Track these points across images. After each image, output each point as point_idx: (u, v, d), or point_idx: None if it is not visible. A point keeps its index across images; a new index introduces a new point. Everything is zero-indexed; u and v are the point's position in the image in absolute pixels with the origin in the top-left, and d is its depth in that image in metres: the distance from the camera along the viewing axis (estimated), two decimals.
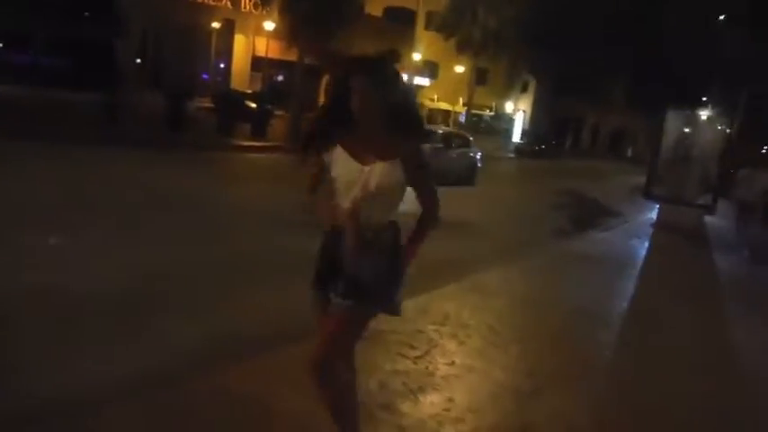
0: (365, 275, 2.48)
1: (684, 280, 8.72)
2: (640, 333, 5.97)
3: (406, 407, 3.59)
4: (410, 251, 2.66)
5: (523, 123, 51.90)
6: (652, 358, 5.24)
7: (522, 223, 12.20)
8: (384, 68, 2.48)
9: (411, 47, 27.49)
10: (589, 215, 14.71)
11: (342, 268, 2.53)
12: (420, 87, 42.50)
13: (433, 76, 45.32)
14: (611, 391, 4.44)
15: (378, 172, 2.46)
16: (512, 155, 39.09)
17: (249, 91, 31.74)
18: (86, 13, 31.65)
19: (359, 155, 2.50)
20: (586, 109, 53.89)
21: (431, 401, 3.71)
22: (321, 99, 2.61)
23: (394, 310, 2.60)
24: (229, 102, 24.78)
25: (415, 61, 25.27)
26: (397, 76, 2.54)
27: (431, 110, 48.76)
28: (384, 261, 2.53)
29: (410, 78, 24.05)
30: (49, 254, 5.92)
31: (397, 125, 2.48)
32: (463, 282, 6.57)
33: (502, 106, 50.12)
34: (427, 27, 35.18)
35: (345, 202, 2.51)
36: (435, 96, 46.59)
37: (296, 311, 3.47)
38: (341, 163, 2.52)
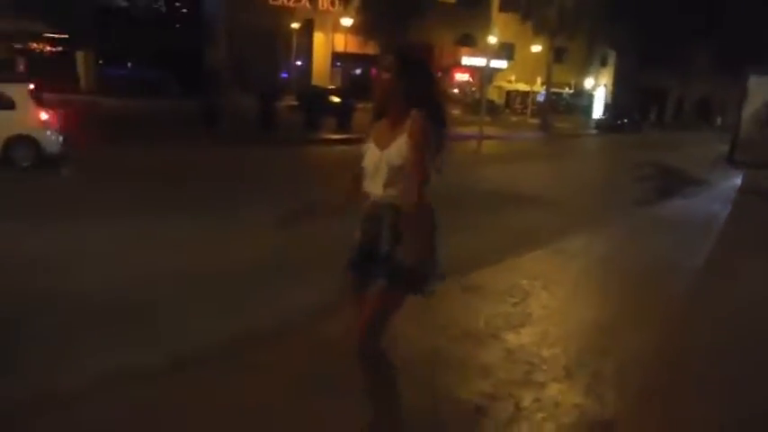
0: (401, 256, 2.56)
1: (765, 240, 9.06)
2: (716, 284, 6.52)
3: (509, 336, 4.42)
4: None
5: (605, 98, 51.08)
6: (725, 305, 5.79)
7: (604, 194, 12.72)
8: (410, 60, 2.65)
9: (486, 30, 27.85)
10: (672, 184, 14.94)
11: (378, 251, 2.64)
12: (497, 70, 42.66)
13: (510, 58, 45.34)
14: (683, 331, 5.09)
15: (392, 152, 2.60)
16: (593, 131, 38.83)
17: (331, 86, 33.00)
18: (177, 26, 33.81)
19: (382, 143, 2.66)
20: (670, 80, 52.41)
21: (529, 333, 4.53)
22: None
23: (429, 288, 2.65)
24: (314, 98, 25.99)
25: (491, 44, 25.67)
26: (424, 68, 2.70)
27: (508, 92, 48.81)
28: (416, 241, 2.55)
29: (487, 61, 24.47)
30: (194, 237, 7.05)
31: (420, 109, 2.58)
32: (549, 247, 7.28)
33: (581, 83, 49.52)
34: (502, 9, 35.42)
35: (370, 187, 2.68)
36: (513, 78, 46.62)
37: None
38: (369, 152, 2.70)
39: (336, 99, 25.96)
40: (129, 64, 33.16)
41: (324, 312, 4.52)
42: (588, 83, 49.96)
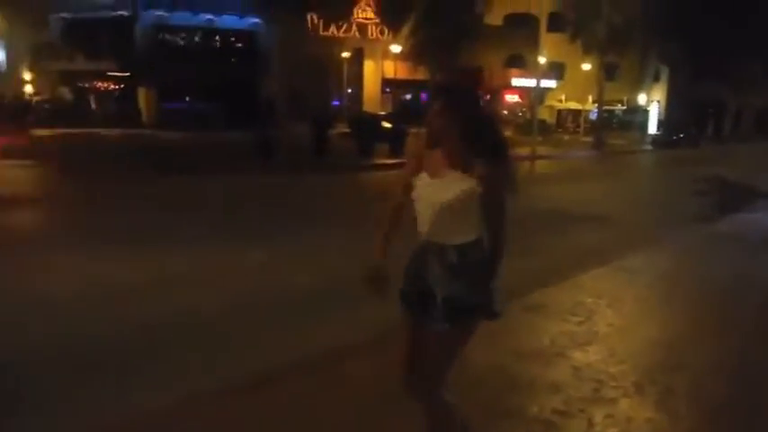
0: (456, 297, 2.51)
1: None
2: None
3: (576, 354, 4.47)
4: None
5: (658, 114, 50.20)
6: None
7: (663, 211, 12.55)
8: (461, 91, 2.58)
9: (535, 50, 27.89)
10: (733, 198, 14.61)
11: (430, 289, 2.55)
12: (547, 90, 42.50)
13: (560, 77, 45.13)
14: (755, 346, 5.03)
15: (448, 183, 2.51)
16: (648, 147, 38.18)
17: (382, 112, 33.43)
18: (232, 60, 34.95)
19: (435, 174, 2.55)
20: (726, 92, 51.14)
21: (596, 350, 4.56)
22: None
23: (494, 315, 2.63)
24: (365, 124, 26.38)
25: (540, 64, 25.70)
26: (475, 99, 2.64)
27: (559, 111, 48.49)
28: (473, 279, 2.54)
29: (537, 81, 24.47)
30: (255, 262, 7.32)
31: (476, 147, 2.50)
32: (611, 265, 7.26)
33: (634, 99, 48.82)
34: (550, 29, 35.41)
35: (423, 224, 2.58)
36: (563, 97, 46.35)
37: None
38: (421, 184, 2.58)
39: (388, 125, 26.27)
40: (188, 98, 34.29)
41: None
42: (641, 99, 49.23)
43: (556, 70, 43.53)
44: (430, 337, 2.58)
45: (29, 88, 35.91)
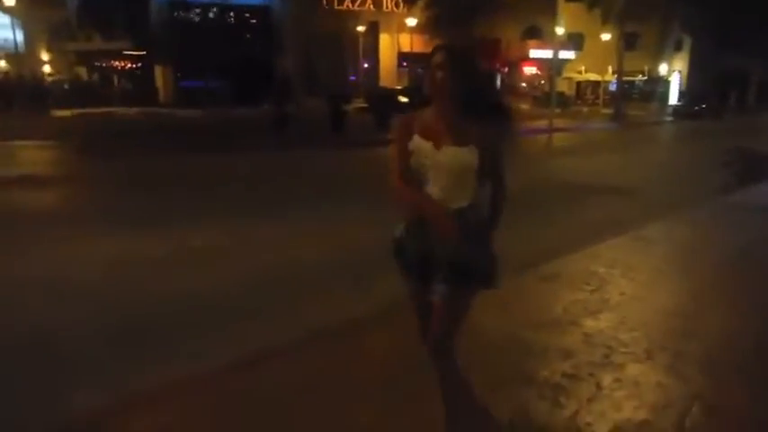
0: (462, 258, 2.55)
1: None
2: None
3: (587, 322, 4.49)
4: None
5: (680, 85, 49.39)
6: None
7: (684, 182, 12.42)
8: (461, 51, 2.56)
9: (553, 21, 27.47)
10: (756, 169, 14.39)
11: (435, 255, 2.58)
12: (565, 61, 41.96)
13: (579, 48, 44.50)
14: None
15: (450, 155, 2.52)
16: (669, 118, 37.65)
17: (399, 87, 33.28)
18: (247, 36, 34.89)
19: (435, 140, 2.55)
20: (750, 63, 50.12)
21: (607, 319, 4.57)
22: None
23: (495, 284, 2.66)
24: (382, 99, 26.33)
25: (559, 35, 25.33)
26: (474, 61, 2.61)
27: (578, 83, 47.91)
28: (475, 241, 2.59)
29: (555, 53, 24.15)
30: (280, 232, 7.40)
31: (475, 111, 2.54)
32: (628, 235, 7.23)
33: (655, 69, 48.04)
34: None
35: (433, 190, 2.57)
36: (583, 68, 45.76)
37: None
38: (421, 151, 2.57)
39: (404, 99, 26.18)
40: (203, 76, 34.40)
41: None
42: (662, 69, 48.42)
43: (574, 41, 42.91)
44: (434, 303, 2.64)
45: (47, 68, 36.18)
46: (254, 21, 37.16)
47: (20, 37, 29.84)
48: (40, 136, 18.56)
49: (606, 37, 39.23)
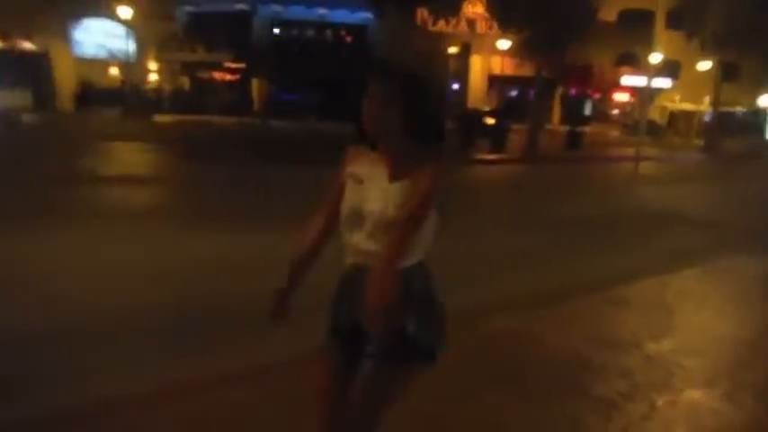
0: (403, 328, 2.03)
1: None
2: None
3: (650, 345, 4.60)
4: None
5: None
6: None
7: None
8: (405, 75, 2.09)
9: (649, 48, 26.97)
10: None
11: (367, 318, 1.99)
12: (660, 90, 40.91)
13: (675, 76, 43.25)
14: None
15: (392, 195, 2.03)
16: (767, 152, 36.01)
17: (487, 108, 33.39)
18: (342, 53, 36.07)
19: (371, 177, 2.10)
20: None
21: (670, 343, 4.67)
22: (555, 111, 2.31)
23: (434, 360, 2.12)
24: (468, 120, 26.55)
25: (654, 63, 24.88)
26: (422, 83, 2.11)
27: (672, 112, 46.51)
28: (421, 309, 2.07)
29: (649, 80, 23.73)
30: None
31: (421, 138, 2.07)
32: (703, 266, 7.21)
33: (755, 102, 46.02)
34: (669, 26, 34.03)
35: (355, 238, 2.09)
36: (677, 97, 44.42)
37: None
38: (351, 187, 2.13)
39: (491, 120, 26.33)
40: (298, 90, 35.63)
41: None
42: (763, 101, 46.32)
43: (671, 69, 41.72)
44: (364, 378, 2.12)
45: (153, 77, 38.38)
46: (350, 39, 38.28)
47: (131, 47, 31.85)
48: (143, 139, 19.84)
49: (705, 66, 38.02)
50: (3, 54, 29.76)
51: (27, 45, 31.43)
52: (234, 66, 38.05)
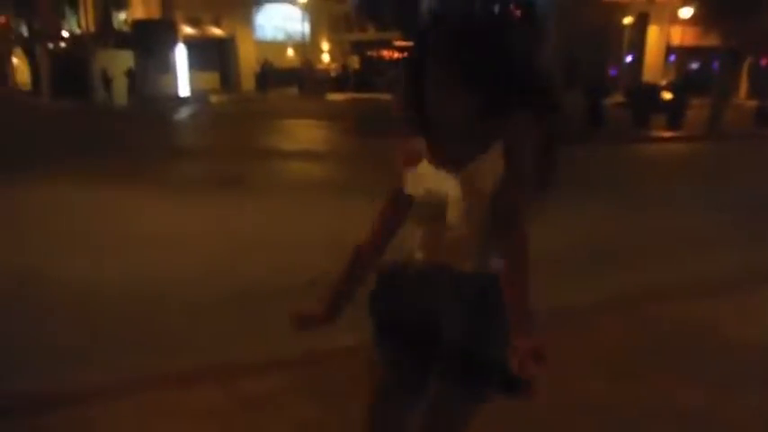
0: (487, 345, 1.65)
1: None
2: None
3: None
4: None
5: None
6: None
7: None
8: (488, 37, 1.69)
9: None
10: None
11: (443, 330, 1.69)
12: None
13: None
14: None
15: (472, 178, 1.65)
16: None
17: (663, 82, 31.43)
18: (510, 27, 35.54)
19: (444, 164, 1.71)
20: None
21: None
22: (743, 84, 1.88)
23: (525, 388, 1.62)
24: (642, 95, 25.19)
25: None
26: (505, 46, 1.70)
27: None
28: (501, 325, 1.60)
29: None
30: None
31: (500, 108, 1.63)
32: None
33: None
34: None
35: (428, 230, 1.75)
36: None
37: None
38: (420, 178, 1.76)
39: (668, 95, 24.79)
40: None
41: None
42: None
43: None
44: (434, 405, 1.78)
45: (325, 57, 40.19)
46: (518, 12, 37.57)
47: (306, 29, 33.55)
48: (317, 116, 20.99)
49: None
50: (194, 39, 32.61)
51: (215, 31, 34.17)
52: (402, 44, 38.84)
